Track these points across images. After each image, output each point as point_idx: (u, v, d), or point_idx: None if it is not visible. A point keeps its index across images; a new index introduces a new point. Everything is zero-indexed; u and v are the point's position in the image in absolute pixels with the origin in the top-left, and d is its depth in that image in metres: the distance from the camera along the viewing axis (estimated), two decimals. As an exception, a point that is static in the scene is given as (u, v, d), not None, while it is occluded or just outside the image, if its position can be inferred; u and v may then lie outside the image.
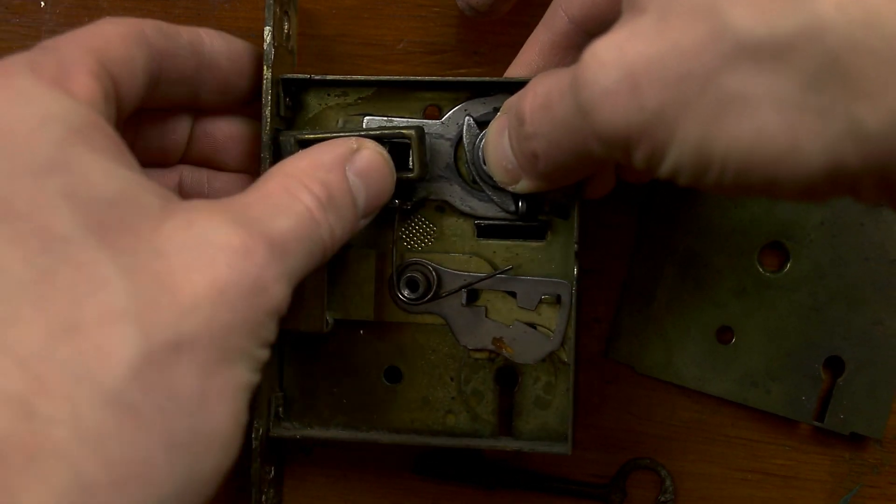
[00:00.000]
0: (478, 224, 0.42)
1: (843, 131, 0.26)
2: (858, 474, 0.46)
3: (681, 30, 0.27)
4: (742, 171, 0.28)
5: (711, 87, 0.27)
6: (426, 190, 0.42)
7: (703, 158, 0.28)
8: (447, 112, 0.41)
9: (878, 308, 0.44)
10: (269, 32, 0.39)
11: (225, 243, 0.29)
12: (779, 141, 0.27)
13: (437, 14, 0.47)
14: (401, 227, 0.43)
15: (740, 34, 0.26)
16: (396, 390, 0.44)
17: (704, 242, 0.45)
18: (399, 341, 0.43)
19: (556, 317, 0.42)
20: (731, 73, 0.27)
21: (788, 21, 0.26)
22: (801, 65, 0.26)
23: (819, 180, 0.27)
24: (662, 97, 0.28)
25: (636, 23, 0.29)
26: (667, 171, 0.30)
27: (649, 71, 0.28)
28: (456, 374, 0.43)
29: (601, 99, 0.29)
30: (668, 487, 0.46)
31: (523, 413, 0.43)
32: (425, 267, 0.42)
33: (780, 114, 0.26)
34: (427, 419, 0.44)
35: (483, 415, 0.43)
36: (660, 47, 0.28)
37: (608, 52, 0.29)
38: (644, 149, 0.29)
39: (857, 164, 0.26)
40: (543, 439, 0.43)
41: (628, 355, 0.46)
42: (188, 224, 0.29)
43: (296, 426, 0.44)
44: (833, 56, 0.25)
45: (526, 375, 0.43)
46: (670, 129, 0.28)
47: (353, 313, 0.43)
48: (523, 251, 0.42)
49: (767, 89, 0.26)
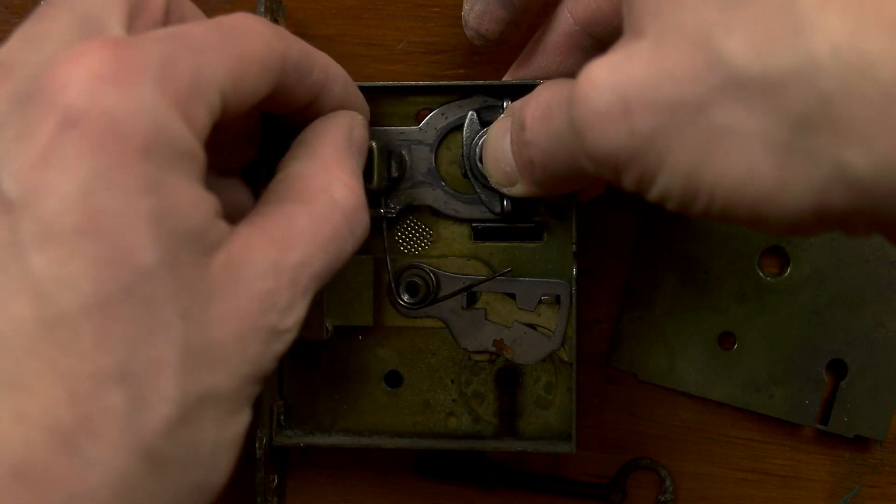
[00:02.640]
0: (474, 227, 0.42)
1: (831, 175, 0.25)
2: (858, 474, 0.46)
3: (676, 58, 0.27)
4: (729, 205, 0.27)
5: (702, 118, 0.27)
6: (409, 196, 0.42)
7: (691, 189, 0.28)
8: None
9: (880, 310, 0.44)
10: None
11: (256, 292, 0.28)
12: (766, 180, 0.26)
13: (437, 14, 0.47)
14: (396, 232, 0.43)
15: (733, 67, 0.26)
16: (397, 394, 0.44)
17: (704, 248, 0.45)
18: (398, 346, 0.44)
19: (555, 317, 0.42)
20: (723, 107, 0.26)
21: (782, 60, 0.25)
22: (791, 105, 0.25)
23: (806, 219, 0.27)
24: (653, 123, 0.28)
25: (633, 46, 0.29)
26: (655, 196, 0.29)
27: (641, 96, 0.28)
28: (456, 377, 0.43)
29: (593, 119, 0.29)
30: (668, 487, 0.47)
31: (525, 413, 0.43)
32: (424, 271, 0.42)
33: (768, 153, 0.26)
34: (429, 422, 0.44)
35: (485, 416, 0.43)
36: (654, 73, 0.28)
37: (603, 74, 0.29)
38: (633, 173, 0.29)
39: (845, 206, 0.26)
40: (546, 439, 0.43)
41: (630, 363, 0.46)
42: (235, 267, 0.28)
43: (298, 434, 0.44)
44: (824, 99, 0.25)
45: (527, 376, 0.43)
46: (660, 156, 0.28)
47: (352, 319, 0.43)
48: (521, 253, 0.42)
49: (757, 126, 0.26)
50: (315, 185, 0.32)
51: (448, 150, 0.42)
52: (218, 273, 0.28)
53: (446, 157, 0.42)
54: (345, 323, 0.43)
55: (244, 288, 0.28)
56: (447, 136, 0.42)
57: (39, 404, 0.25)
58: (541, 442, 0.42)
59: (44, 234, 0.25)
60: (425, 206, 0.42)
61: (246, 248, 0.29)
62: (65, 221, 0.25)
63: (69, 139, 0.25)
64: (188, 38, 0.28)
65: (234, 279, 0.28)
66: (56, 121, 0.25)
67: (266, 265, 0.29)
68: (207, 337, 0.27)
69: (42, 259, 0.25)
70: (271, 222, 0.30)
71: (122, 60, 0.26)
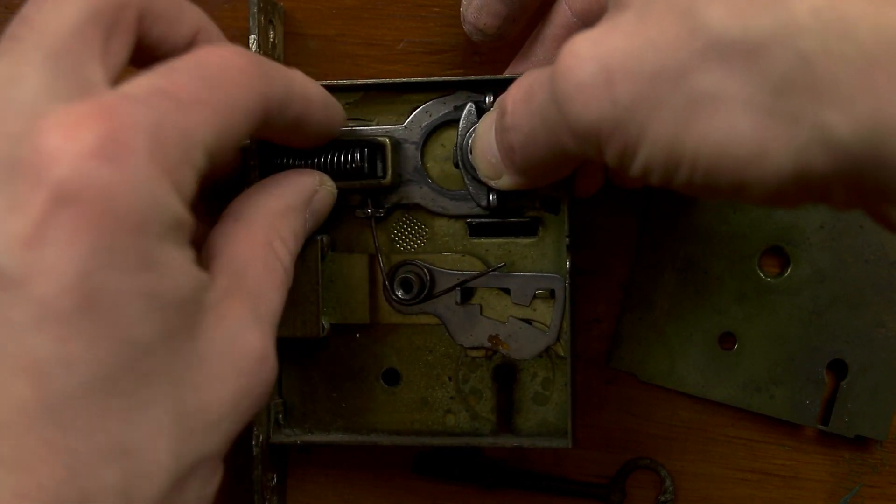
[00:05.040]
0: (469, 223, 0.42)
1: (812, 138, 0.25)
2: (858, 474, 0.46)
3: (658, 27, 0.27)
4: (711, 173, 0.28)
5: (684, 85, 0.27)
6: (397, 195, 0.42)
7: (674, 157, 0.28)
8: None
9: (880, 310, 0.44)
10: (254, 41, 0.39)
11: (250, 351, 0.29)
12: (747, 144, 0.26)
13: (437, 14, 0.47)
14: (392, 230, 0.43)
15: (714, 32, 0.26)
16: (395, 392, 0.44)
17: (704, 248, 0.45)
18: (395, 343, 0.44)
19: (550, 312, 0.42)
20: (704, 72, 0.27)
21: (762, 22, 0.25)
22: (772, 67, 0.25)
23: (788, 185, 0.27)
24: (635, 92, 0.28)
25: (617, 18, 0.29)
26: (638, 169, 0.29)
27: (624, 66, 0.28)
28: (454, 374, 0.43)
29: (575, 91, 0.29)
30: (668, 487, 0.46)
31: (522, 410, 0.43)
32: (418, 267, 0.42)
33: (750, 116, 0.26)
34: (427, 420, 0.44)
35: (482, 413, 0.43)
36: (636, 43, 0.28)
37: (586, 46, 0.29)
38: (616, 145, 0.29)
39: (826, 170, 0.26)
40: (543, 435, 0.43)
41: (630, 364, 0.46)
42: (224, 328, 0.29)
43: (296, 432, 0.44)
44: (805, 60, 0.25)
45: (524, 372, 0.43)
46: (642, 126, 0.28)
47: (348, 317, 0.43)
48: (516, 248, 0.42)
49: (738, 90, 0.26)
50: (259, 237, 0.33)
51: (442, 147, 0.42)
52: (209, 333, 0.28)
53: (436, 154, 0.42)
54: (341, 321, 0.43)
55: (235, 347, 0.29)
56: (433, 134, 0.42)
57: (40, 483, 0.25)
58: (538, 437, 0.42)
59: (42, 313, 0.25)
60: (413, 204, 0.42)
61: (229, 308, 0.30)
62: (64, 301, 0.25)
63: (64, 216, 0.25)
64: (175, 95, 0.28)
65: (223, 339, 0.29)
66: (48, 196, 0.25)
67: (250, 321, 0.30)
68: (201, 402, 0.28)
69: (41, 339, 0.25)
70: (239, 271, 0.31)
71: (113, 132, 0.26)
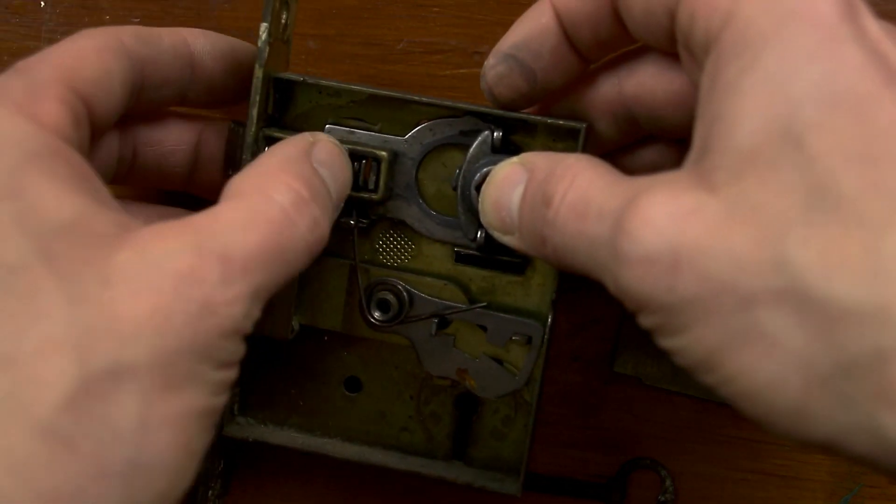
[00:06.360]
0: (457, 250, 0.41)
1: (860, 425, 0.24)
2: (858, 474, 0.46)
3: (742, 241, 0.26)
4: (739, 398, 0.27)
5: (748, 313, 0.25)
6: (384, 208, 0.40)
7: (707, 365, 0.27)
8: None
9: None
10: (265, 29, 0.38)
11: (172, 269, 0.28)
12: (788, 396, 0.25)
13: (437, 14, 0.46)
14: (377, 240, 0.42)
15: (798, 280, 0.25)
16: (354, 400, 0.43)
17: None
18: (363, 353, 0.43)
19: (524, 356, 0.41)
20: (773, 312, 0.25)
21: (852, 295, 0.24)
22: (846, 343, 0.24)
23: (812, 444, 0.26)
24: (696, 294, 0.26)
25: (703, 200, 0.27)
26: (667, 347, 0.28)
27: (694, 262, 0.26)
28: (416, 394, 0.43)
29: (636, 260, 0.27)
30: (668, 487, 0.46)
31: (479, 442, 0.43)
32: (398, 288, 0.41)
33: (802, 377, 0.25)
34: (382, 433, 0.43)
35: (438, 437, 0.43)
36: (715, 244, 0.26)
37: (661, 217, 0.27)
38: (655, 320, 0.28)
39: (864, 453, 0.25)
40: (496, 469, 0.42)
41: (634, 368, 0.46)
42: (142, 251, 0.28)
43: (250, 422, 0.44)
44: (881, 355, 0.24)
45: (486, 406, 0.42)
46: (690, 323, 0.27)
47: (320, 321, 0.42)
48: (500, 282, 0.41)
49: (801, 348, 0.25)
50: (249, 187, 0.32)
51: (443, 167, 0.40)
52: (123, 263, 0.28)
53: (436, 172, 0.40)
54: (312, 324, 0.42)
55: (155, 267, 0.28)
56: (434, 151, 0.40)
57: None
58: (488, 476, 0.42)
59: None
60: (398, 220, 0.41)
61: (158, 235, 0.29)
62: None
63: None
64: (24, 63, 0.33)
65: (141, 260, 0.28)
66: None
67: (183, 246, 0.29)
68: (110, 315, 0.27)
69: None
70: (197, 217, 0.30)
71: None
